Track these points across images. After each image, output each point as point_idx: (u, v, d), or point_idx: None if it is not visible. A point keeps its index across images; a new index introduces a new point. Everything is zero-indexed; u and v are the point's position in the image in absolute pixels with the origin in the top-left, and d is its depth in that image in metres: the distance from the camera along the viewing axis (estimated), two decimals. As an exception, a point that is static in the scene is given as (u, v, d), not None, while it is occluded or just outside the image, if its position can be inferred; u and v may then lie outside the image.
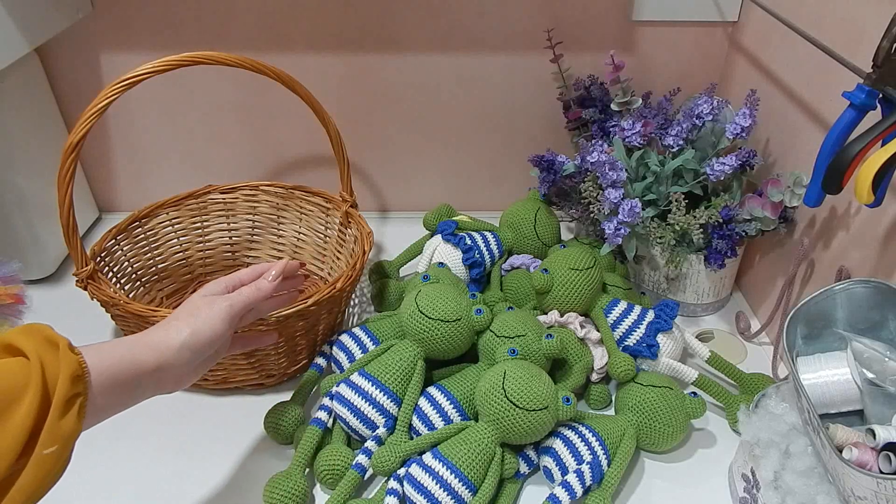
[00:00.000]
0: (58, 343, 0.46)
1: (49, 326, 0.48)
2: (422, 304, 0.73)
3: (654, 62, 1.01)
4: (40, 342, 0.46)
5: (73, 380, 0.45)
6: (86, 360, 0.47)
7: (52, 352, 0.45)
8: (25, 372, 0.43)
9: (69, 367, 0.45)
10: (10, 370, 0.44)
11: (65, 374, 0.44)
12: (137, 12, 0.96)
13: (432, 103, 1.05)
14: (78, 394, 0.46)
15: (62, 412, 0.44)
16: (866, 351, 0.59)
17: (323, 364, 0.80)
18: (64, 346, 0.46)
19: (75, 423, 0.45)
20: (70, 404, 0.45)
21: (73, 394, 0.45)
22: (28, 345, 0.45)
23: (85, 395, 0.47)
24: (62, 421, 0.44)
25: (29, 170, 0.93)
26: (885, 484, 0.49)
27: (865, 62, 0.57)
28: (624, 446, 0.69)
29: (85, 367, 0.47)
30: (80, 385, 0.46)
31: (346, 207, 0.90)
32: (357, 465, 0.68)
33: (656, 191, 0.86)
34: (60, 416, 0.43)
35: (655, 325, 0.78)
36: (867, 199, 0.55)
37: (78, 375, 0.46)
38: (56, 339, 0.47)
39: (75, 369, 0.46)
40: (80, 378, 0.46)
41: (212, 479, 0.71)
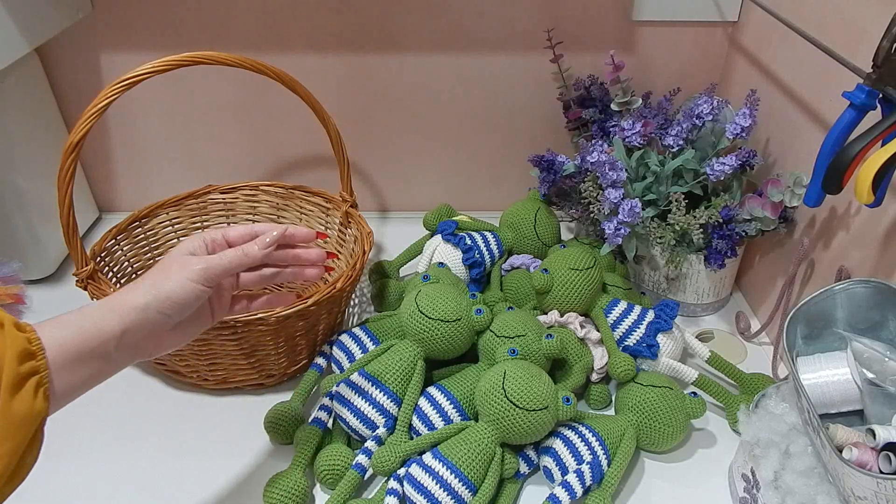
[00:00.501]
0: (2, 322, 0.44)
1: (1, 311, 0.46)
2: (422, 304, 0.73)
3: (654, 62, 1.01)
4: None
5: (20, 358, 0.43)
6: (39, 336, 0.45)
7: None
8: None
9: (14, 345, 0.43)
10: None
11: (10, 354, 0.42)
12: (137, 12, 0.96)
13: (432, 103, 1.05)
14: (32, 371, 0.44)
15: (11, 393, 0.41)
16: (866, 351, 0.59)
17: (323, 364, 0.80)
18: (9, 324, 0.44)
19: (32, 403, 0.43)
20: (21, 384, 0.42)
21: (25, 373, 0.43)
22: None
23: (43, 373, 0.44)
24: (13, 402, 0.41)
25: (29, 170, 0.93)
26: (885, 484, 0.49)
27: (865, 62, 0.57)
28: (624, 446, 0.69)
29: (37, 343, 0.44)
30: (32, 361, 0.44)
31: (346, 207, 0.90)
32: (357, 465, 0.68)
33: (656, 191, 0.86)
34: (10, 397, 0.41)
35: (655, 325, 0.78)
36: (867, 199, 0.55)
37: (29, 352, 0.44)
38: (2, 318, 0.44)
39: (22, 347, 0.43)
40: (32, 355, 0.44)
41: (212, 479, 0.71)
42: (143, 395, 0.80)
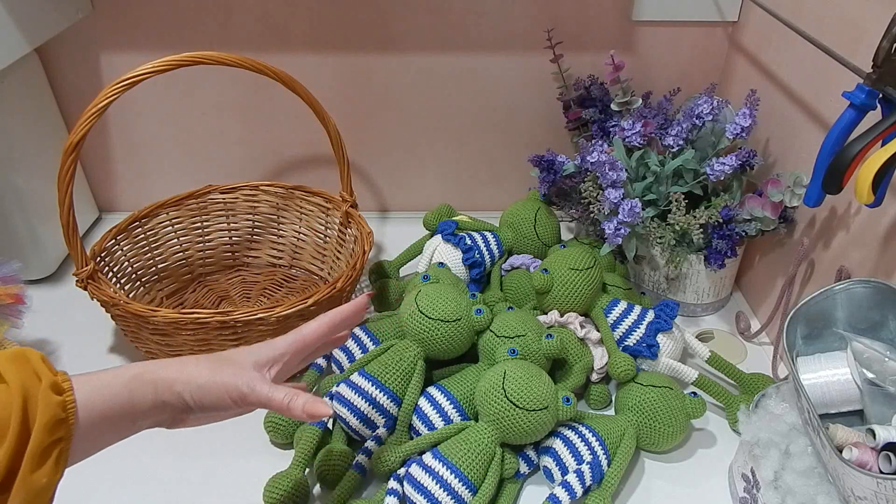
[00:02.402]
0: (41, 378, 0.42)
1: (40, 355, 0.44)
2: (422, 304, 0.73)
3: (654, 62, 1.01)
4: (28, 375, 0.41)
5: (51, 427, 0.41)
6: (75, 398, 0.43)
7: (37, 387, 0.41)
8: (5, 410, 0.39)
9: (48, 411, 0.41)
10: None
11: (41, 421, 0.40)
12: (137, 12, 0.96)
13: (432, 103, 1.05)
14: (58, 440, 0.42)
15: (36, 464, 0.40)
16: (866, 351, 0.59)
17: (323, 364, 0.80)
18: (46, 383, 0.42)
19: (52, 473, 0.41)
20: (46, 454, 0.41)
21: (52, 441, 0.41)
22: (13, 375, 0.41)
23: (67, 440, 0.42)
24: (35, 475, 0.39)
25: (29, 170, 0.93)
26: (885, 484, 0.49)
27: (865, 62, 0.57)
28: (624, 446, 0.69)
29: (72, 407, 0.43)
30: (62, 430, 0.42)
31: (346, 207, 0.90)
32: (357, 465, 0.68)
33: (656, 191, 0.86)
34: (33, 469, 0.39)
35: (655, 325, 0.78)
36: (867, 199, 0.55)
37: (59, 420, 0.42)
38: (42, 371, 0.42)
39: (55, 413, 0.41)
40: (63, 423, 0.42)
41: (212, 479, 0.71)
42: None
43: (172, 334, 0.73)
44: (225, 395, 0.50)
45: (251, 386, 0.51)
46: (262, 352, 0.54)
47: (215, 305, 0.94)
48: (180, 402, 0.49)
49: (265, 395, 0.52)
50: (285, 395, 0.52)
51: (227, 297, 0.95)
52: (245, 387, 0.51)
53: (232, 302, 0.95)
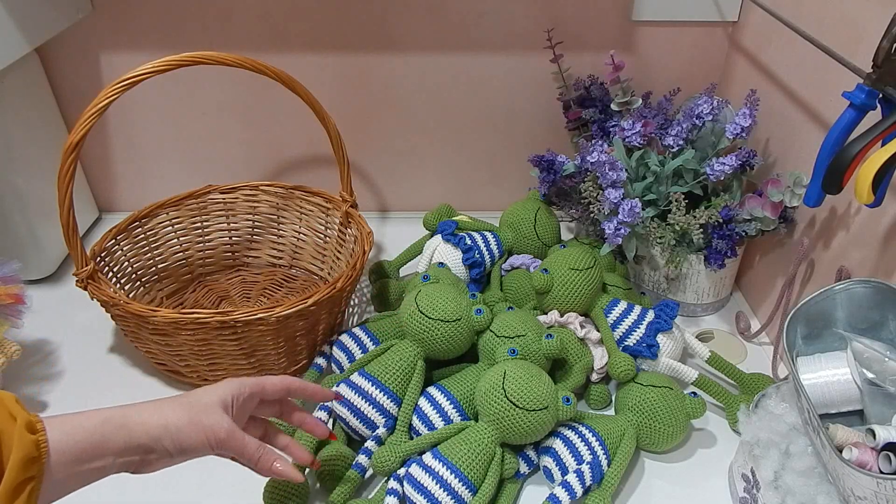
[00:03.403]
0: (15, 418, 0.43)
1: (13, 396, 0.45)
2: (422, 304, 0.73)
3: (654, 62, 1.01)
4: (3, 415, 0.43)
5: (24, 465, 0.41)
6: (47, 439, 0.44)
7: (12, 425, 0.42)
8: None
9: (22, 448, 0.42)
10: None
11: (16, 458, 0.41)
12: (137, 12, 0.96)
13: (432, 103, 1.05)
14: (30, 478, 0.42)
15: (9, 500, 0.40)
16: (866, 351, 0.59)
17: (323, 364, 0.80)
18: (21, 422, 0.43)
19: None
20: (18, 491, 0.41)
21: (24, 479, 0.42)
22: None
23: (39, 479, 0.43)
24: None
25: (29, 170, 0.93)
26: (885, 484, 0.49)
27: (865, 62, 0.57)
28: (624, 446, 0.69)
29: (44, 447, 0.44)
30: (35, 468, 0.43)
31: (346, 207, 0.90)
32: (357, 465, 0.68)
33: (656, 191, 0.86)
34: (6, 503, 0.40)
35: (655, 325, 0.78)
36: (867, 199, 0.55)
37: (32, 458, 0.42)
38: (16, 411, 0.43)
39: (28, 451, 0.42)
40: (35, 461, 0.43)
41: (212, 479, 0.71)
42: (143, 395, 0.80)
43: (172, 334, 0.73)
44: (204, 438, 0.51)
45: (230, 431, 0.53)
46: (225, 390, 0.55)
47: (215, 305, 0.94)
48: (157, 446, 0.50)
49: (239, 444, 0.53)
50: (256, 449, 0.54)
51: (227, 297, 0.95)
52: (223, 431, 0.52)
53: (232, 302, 0.95)
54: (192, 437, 0.51)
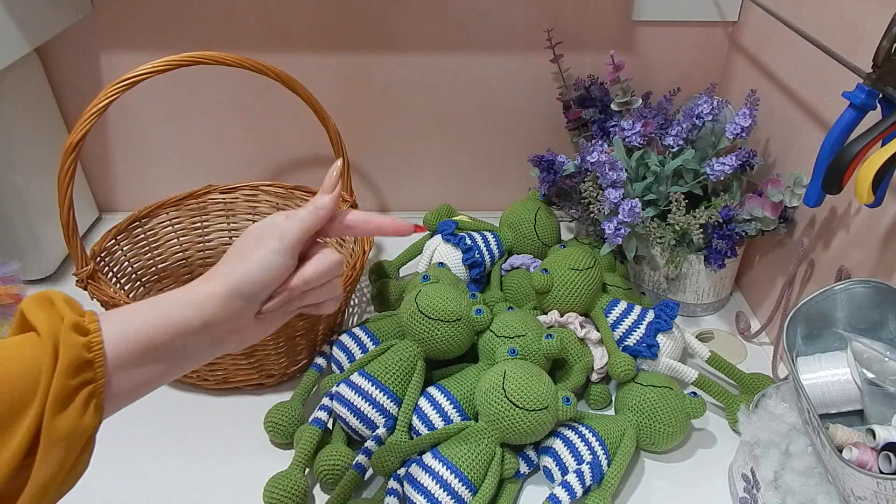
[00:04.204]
0: (62, 317, 0.40)
1: (63, 295, 0.42)
2: (422, 304, 0.73)
3: (654, 62, 1.01)
4: (55, 319, 0.39)
5: (73, 370, 0.38)
6: (102, 336, 0.41)
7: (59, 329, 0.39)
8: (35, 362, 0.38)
9: (69, 353, 0.38)
10: (22, 358, 0.37)
11: (62, 365, 0.38)
12: (137, 12, 0.96)
13: (432, 103, 1.05)
14: (84, 382, 0.39)
15: (57, 409, 0.37)
16: (866, 351, 0.59)
17: (323, 364, 0.80)
18: (69, 323, 0.39)
19: (79, 419, 0.38)
20: (69, 398, 0.38)
21: (76, 385, 0.39)
22: (42, 321, 0.39)
23: (97, 383, 0.40)
24: (58, 419, 0.37)
25: (29, 170, 0.93)
26: (885, 484, 0.49)
27: (865, 62, 0.57)
28: (624, 446, 0.69)
29: (98, 348, 0.40)
30: (88, 372, 0.39)
31: (346, 207, 0.90)
32: (357, 465, 0.68)
33: (656, 191, 0.86)
34: (55, 413, 0.37)
35: (655, 325, 0.78)
36: (867, 199, 0.55)
37: (84, 362, 0.39)
38: (64, 312, 0.40)
39: (77, 355, 0.39)
40: (89, 364, 0.39)
41: (212, 479, 0.71)
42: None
43: (172, 334, 0.73)
44: (268, 258, 0.48)
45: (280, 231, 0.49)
46: (261, 223, 0.50)
47: (215, 305, 0.94)
48: (230, 308, 0.46)
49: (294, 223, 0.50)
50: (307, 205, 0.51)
51: (227, 297, 0.95)
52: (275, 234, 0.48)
53: (232, 302, 0.95)
54: (255, 265, 0.47)
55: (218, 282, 0.46)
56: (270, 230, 0.49)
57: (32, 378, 0.37)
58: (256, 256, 0.47)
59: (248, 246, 0.48)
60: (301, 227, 0.50)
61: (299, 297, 0.51)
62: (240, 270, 0.47)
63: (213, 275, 0.47)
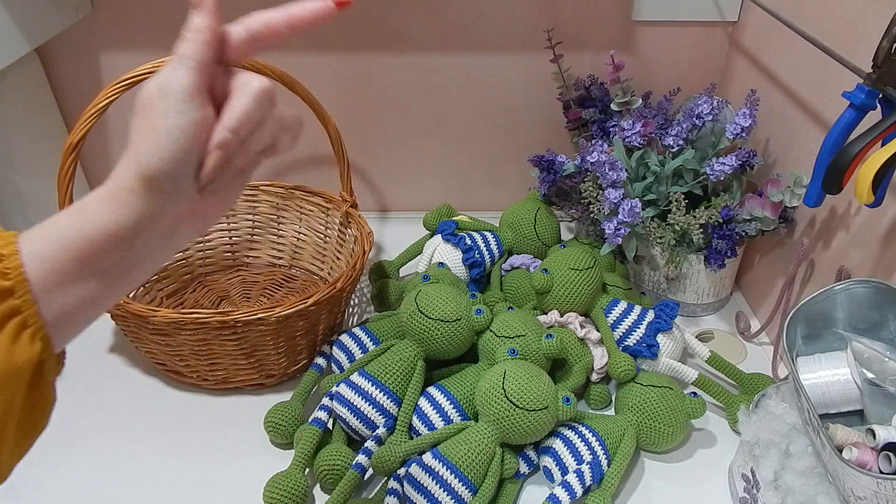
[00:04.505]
0: None
1: None
2: (422, 304, 0.73)
3: (654, 62, 1.01)
4: None
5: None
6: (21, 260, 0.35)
7: None
8: None
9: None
10: None
11: None
12: (137, 12, 0.96)
13: (432, 103, 1.05)
14: (9, 313, 0.34)
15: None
16: (866, 351, 0.59)
17: (323, 364, 0.80)
18: None
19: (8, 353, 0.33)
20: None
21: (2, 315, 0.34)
22: None
23: (28, 310, 0.35)
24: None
25: (29, 170, 0.93)
26: (885, 484, 0.49)
27: (865, 62, 0.57)
28: (624, 446, 0.69)
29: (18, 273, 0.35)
30: (10, 300, 0.34)
31: (346, 207, 0.90)
32: (357, 465, 0.68)
33: (656, 191, 0.86)
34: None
35: (655, 325, 0.78)
36: (867, 199, 0.55)
37: (3, 290, 0.34)
38: None
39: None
40: (9, 291, 0.34)
41: (212, 479, 0.71)
42: (143, 395, 0.80)
43: (172, 334, 0.73)
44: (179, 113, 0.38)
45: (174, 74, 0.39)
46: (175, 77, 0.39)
47: (215, 305, 0.94)
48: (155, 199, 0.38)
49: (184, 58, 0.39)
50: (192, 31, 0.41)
51: (227, 297, 0.95)
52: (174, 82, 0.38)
53: (232, 302, 0.95)
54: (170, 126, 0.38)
55: (129, 173, 0.39)
56: (159, 87, 0.38)
57: None
58: (160, 126, 0.38)
59: (147, 117, 0.38)
60: (188, 66, 0.39)
61: (239, 148, 0.41)
62: (146, 152, 0.38)
63: (123, 166, 0.39)
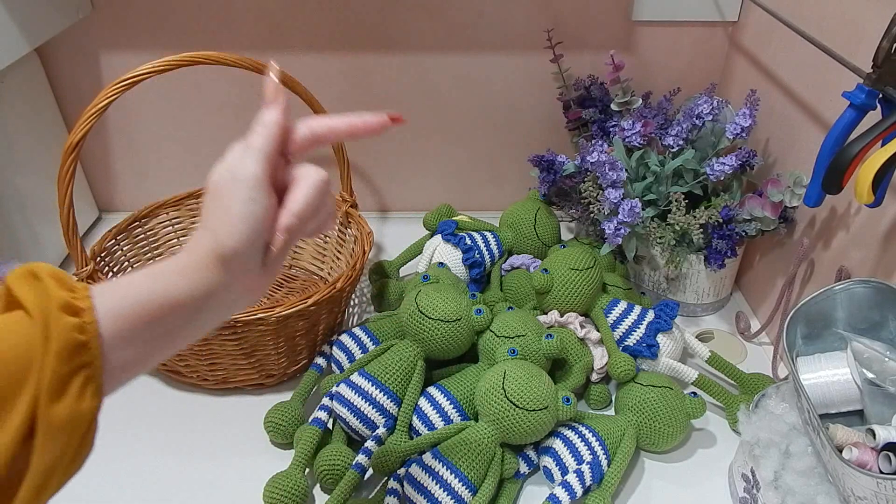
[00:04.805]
0: (49, 296, 0.36)
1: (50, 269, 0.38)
2: (422, 304, 0.73)
3: (654, 62, 1.01)
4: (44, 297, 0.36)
5: (67, 354, 0.36)
6: (96, 316, 0.37)
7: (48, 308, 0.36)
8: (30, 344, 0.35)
9: (61, 337, 0.35)
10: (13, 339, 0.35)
11: (55, 349, 0.35)
12: (137, 12, 0.96)
13: (432, 103, 1.05)
14: (80, 366, 0.36)
15: (52, 398, 0.35)
16: (866, 351, 0.59)
17: (323, 364, 0.80)
18: (57, 304, 0.36)
19: (74, 404, 0.36)
20: (65, 385, 0.36)
21: (71, 369, 0.36)
22: (31, 299, 0.36)
23: (93, 366, 0.37)
24: (54, 407, 0.35)
25: (29, 170, 0.93)
26: (885, 484, 0.49)
27: (865, 62, 0.57)
28: (624, 446, 0.69)
29: (92, 327, 0.37)
30: (84, 355, 0.36)
31: (346, 207, 0.90)
32: (357, 465, 0.68)
33: (656, 191, 0.86)
34: (50, 402, 0.35)
35: (655, 325, 0.78)
36: (867, 199, 0.55)
37: (79, 344, 0.36)
38: (52, 290, 0.37)
39: (70, 339, 0.36)
40: (84, 346, 0.36)
41: (212, 478, 0.71)
42: (143, 395, 0.80)
43: (172, 334, 0.73)
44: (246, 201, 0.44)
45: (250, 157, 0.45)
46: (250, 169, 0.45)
47: (215, 305, 0.94)
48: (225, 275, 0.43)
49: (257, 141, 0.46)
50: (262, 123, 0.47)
51: (227, 297, 0.95)
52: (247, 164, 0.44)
53: (232, 302, 0.95)
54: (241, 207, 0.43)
55: (205, 251, 0.43)
56: (231, 174, 0.45)
57: (26, 360, 0.35)
58: (233, 214, 0.43)
59: (220, 200, 0.44)
60: (258, 158, 0.45)
61: (298, 230, 0.47)
62: (224, 234, 0.43)
63: (201, 240, 0.44)
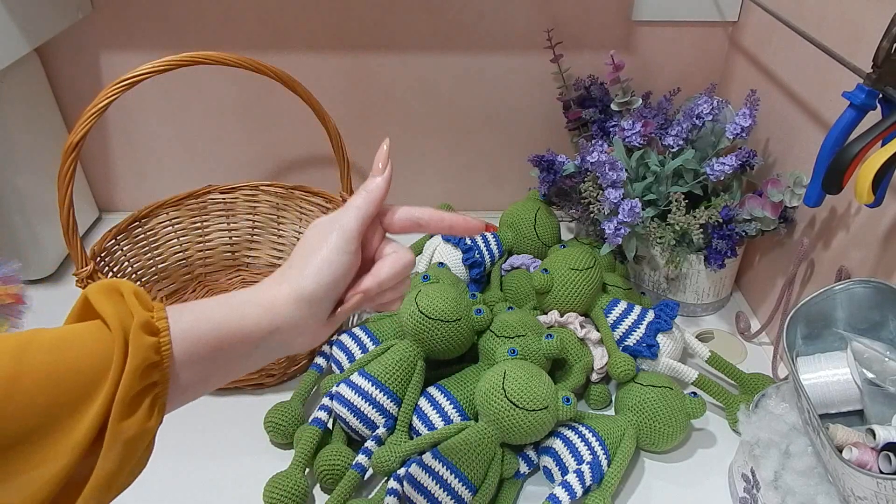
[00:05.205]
0: (133, 316, 0.38)
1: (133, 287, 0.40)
2: (422, 304, 0.73)
3: (654, 62, 1.01)
4: (125, 312, 0.38)
5: (141, 373, 0.37)
6: (170, 338, 0.39)
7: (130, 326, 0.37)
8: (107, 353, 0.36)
9: (138, 354, 0.37)
10: (91, 348, 0.36)
11: (131, 366, 0.36)
12: (137, 12, 0.96)
13: (432, 103, 1.05)
14: (152, 384, 0.38)
15: (124, 414, 0.36)
16: (866, 351, 0.59)
17: (323, 364, 0.80)
18: (137, 324, 0.37)
19: (143, 422, 0.37)
20: (136, 402, 0.37)
21: (143, 387, 0.37)
22: (111, 312, 0.37)
23: (163, 385, 0.39)
24: (124, 424, 0.36)
25: (29, 170, 0.93)
26: (885, 484, 0.49)
27: (865, 62, 0.57)
28: (624, 446, 0.69)
29: (166, 350, 0.38)
30: (156, 374, 0.38)
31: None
32: (357, 465, 0.68)
33: (656, 191, 0.86)
34: (122, 418, 0.36)
35: (655, 325, 0.78)
36: (867, 199, 0.55)
37: (152, 364, 0.38)
38: (134, 307, 0.38)
39: (146, 357, 0.37)
40: (156, 366, 0.38)
41: (212, 479, 0.71)
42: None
43: (172, 334, 0.73)
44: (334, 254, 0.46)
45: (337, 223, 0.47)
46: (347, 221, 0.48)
47: (215, 305, 0.94)
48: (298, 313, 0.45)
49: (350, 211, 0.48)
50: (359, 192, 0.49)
51: (227, 297, 0.95)
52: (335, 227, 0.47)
53: (232, 302, 0.95)
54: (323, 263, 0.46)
55: (287, 287, 0.45)
56: (329, 225, 0.48)
57: (100, 369, 0.36)
58: (321, 257, 0.46)
59: (312, 245, 0.47)
60: (357, 216, 0.48)
61: (372, 297, 0.49)
62: (308, 274, 0.46)
63: (282, 278, 0.46)
